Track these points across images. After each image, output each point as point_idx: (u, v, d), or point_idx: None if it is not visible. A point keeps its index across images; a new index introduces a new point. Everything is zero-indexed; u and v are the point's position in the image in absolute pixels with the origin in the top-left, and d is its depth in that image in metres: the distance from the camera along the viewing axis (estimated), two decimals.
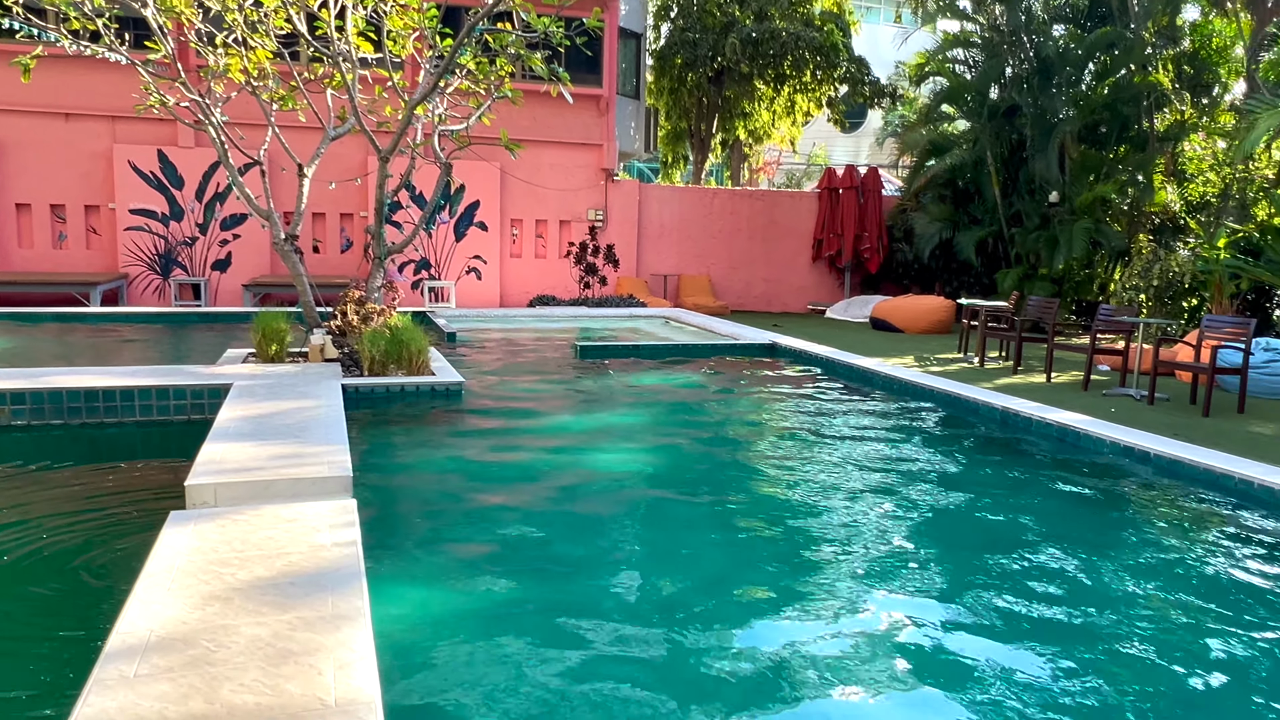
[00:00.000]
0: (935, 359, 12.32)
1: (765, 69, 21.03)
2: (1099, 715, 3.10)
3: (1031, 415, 7.38)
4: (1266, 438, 7.79)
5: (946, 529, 5.10)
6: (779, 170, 38.70)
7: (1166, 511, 5.62)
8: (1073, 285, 17.08)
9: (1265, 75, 13.52)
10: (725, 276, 19.71)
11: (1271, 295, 14.49)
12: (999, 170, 17.33)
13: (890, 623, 3.78)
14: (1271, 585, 4.40)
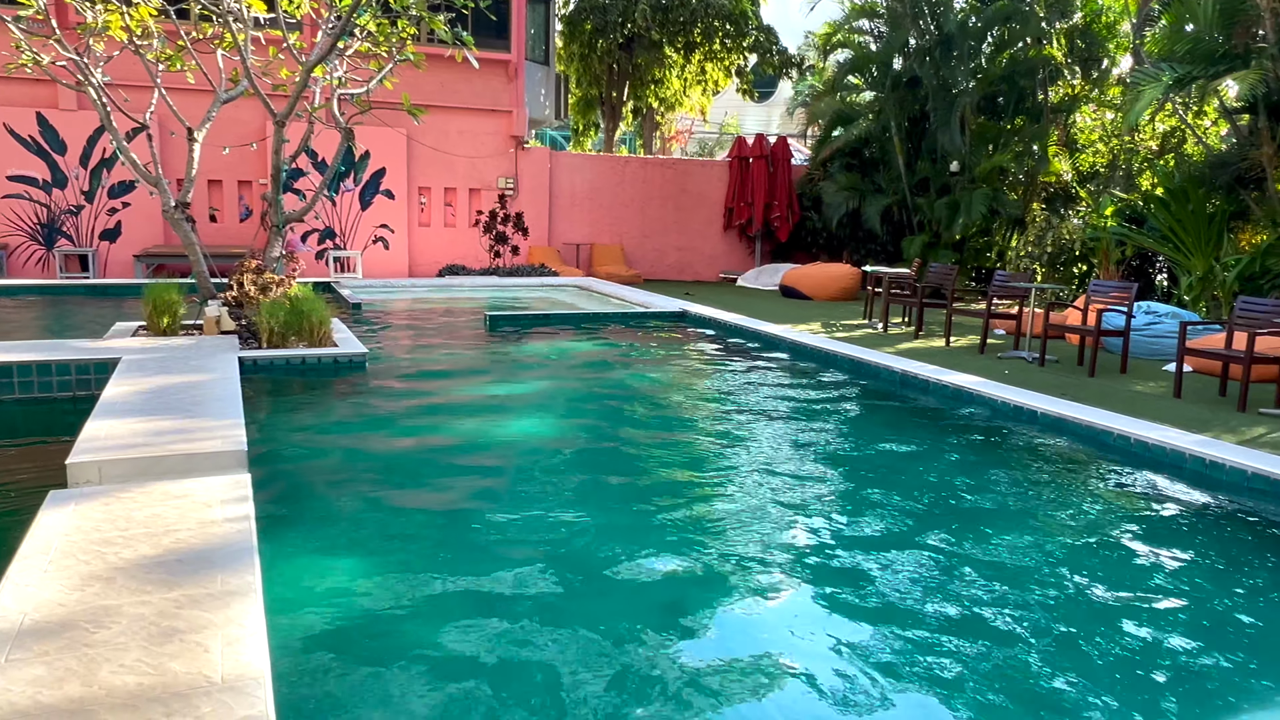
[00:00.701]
0: (841, 325, 12.60)
1: (675, 36, 20.99)
2: (969, 633, 3.26)
3: (929, 377, 7.63)
4: (1145, 395, 8.22)
5: (845, 486, 5.25)
6: (692, 139, 38.79)
7: (1050, 465, 5.89)
8: (973, 252, 17.65)
9: (1149, 49, 14.10)
10: (638, 245, 19.72)
11: (1154, 261, 15.24)
12: (903, 140, 17.71)
13: (794, 575, 3.89)
14: (1141, 528, 4.67)
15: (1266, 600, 3.89)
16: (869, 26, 18.90)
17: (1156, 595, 3.91)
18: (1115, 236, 14.33)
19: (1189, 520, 4.88)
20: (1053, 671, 3.19)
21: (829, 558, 4.18)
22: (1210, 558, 4.37)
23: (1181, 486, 5.36)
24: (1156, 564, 4.27)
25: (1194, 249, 12.94)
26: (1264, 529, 4.73)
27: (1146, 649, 3.40)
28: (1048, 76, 16.87)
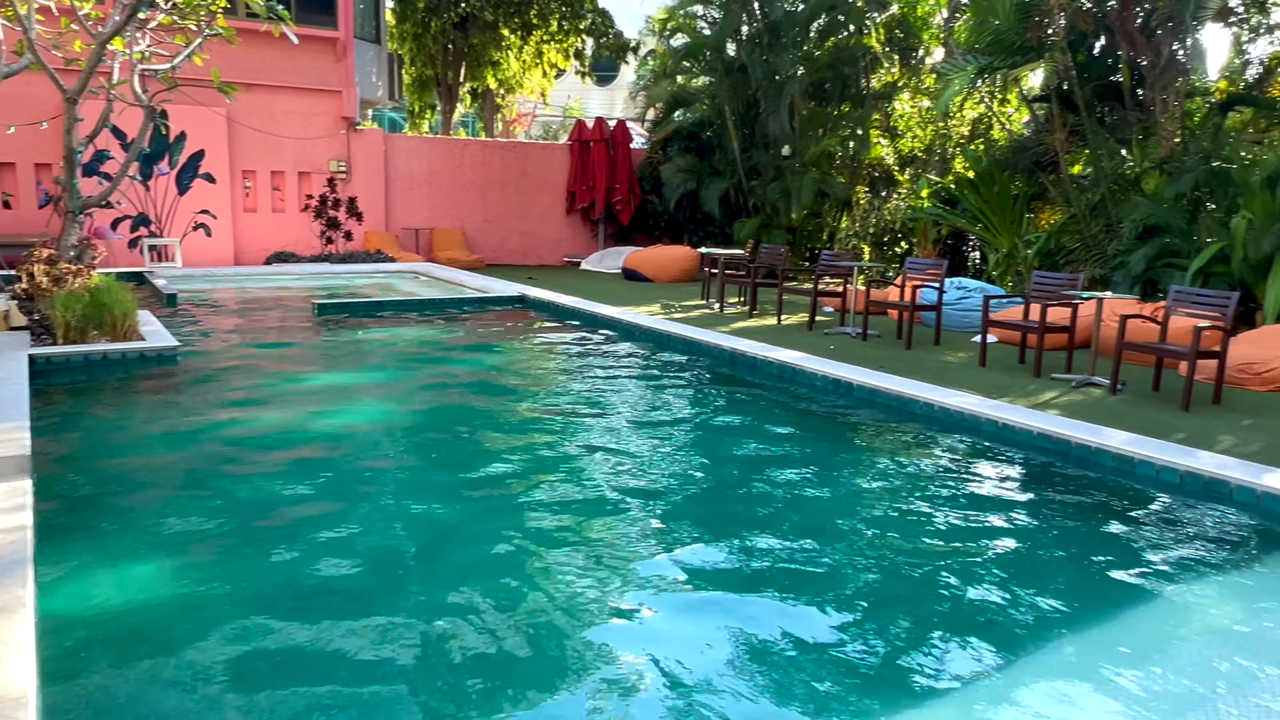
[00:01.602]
0: (680, 306, 12.83)
1: (511, 17, 20.70)
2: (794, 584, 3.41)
3: (756, 355, 7.89)
4: (954, 365, 8.80)
5: (677, 462, 5.37)
6: (535, 122, 38.45)
7: (864, 431, 6.23)
8: (805, 234, 18.34)
9: (958, 41, 15.01)
10: (480, 230, 19.41)
11: (967, 239, 16.29)
12: (738, 125, 18.15)
13: (630, 549, 3.95)
14: (946, 487, 5.00)
15: (1049, 538, 4.25)
16: (703, 13, 19.23)
17: (961, 543, 4.20)
18: (931, 217, 15.21)
19: (984, 475, 5.27)
20: (871, 620, 3.38)
21: (659, 532, 4.26)
22: (1001, 507, 4.73)
23: (979, 447, 5.77)
24: (956, 515, 4.58)
25: (1000, 228, 13.90)
26: (1048, 480, 5.16)
27: (957, 588, 3.65)
28: (869, 65, 17.67)
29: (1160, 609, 3.62)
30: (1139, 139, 12.76)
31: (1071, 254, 12.88)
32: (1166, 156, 12.16)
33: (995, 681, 3.02)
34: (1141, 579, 3.90)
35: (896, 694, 2.95)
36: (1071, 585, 3.86)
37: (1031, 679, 3.04)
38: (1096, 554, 4.19)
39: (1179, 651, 3.27)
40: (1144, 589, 3.80)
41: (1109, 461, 5.16)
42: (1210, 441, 6.03)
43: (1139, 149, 12.64)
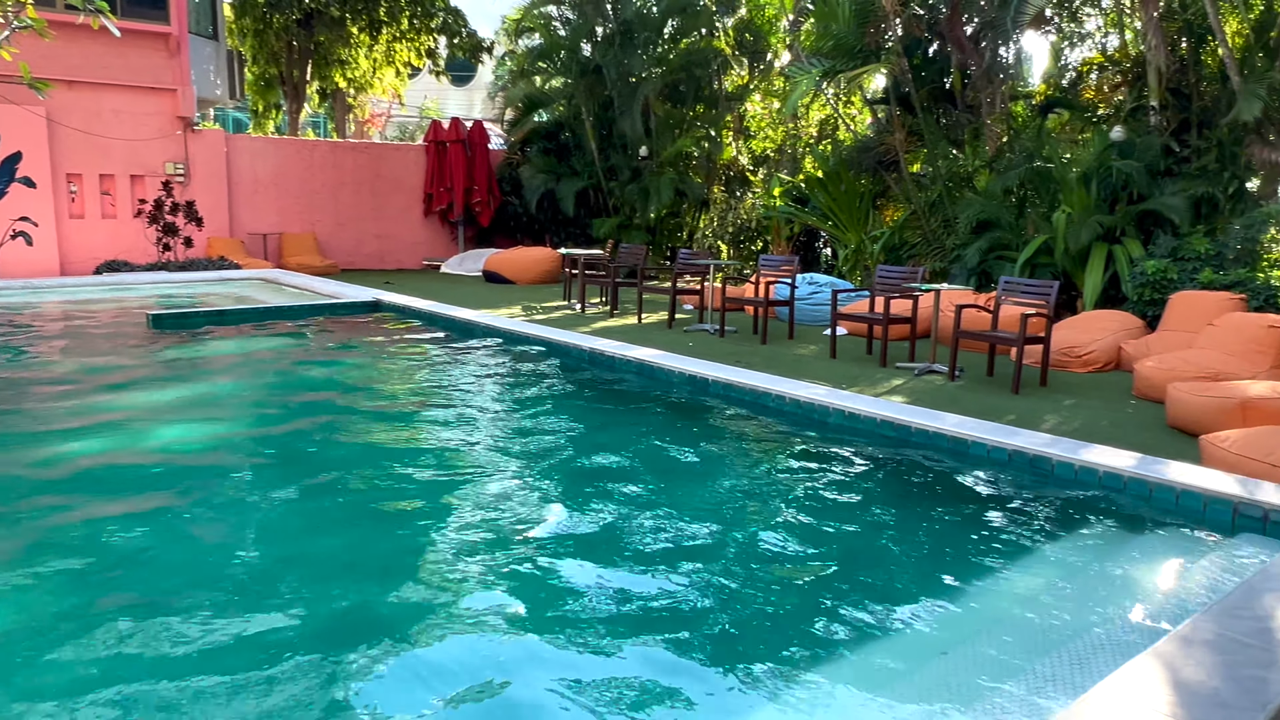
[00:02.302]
0: (542, 307, 12.77)
1: (359, 14, 20.08)
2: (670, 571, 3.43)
3: (615, 353, 7.92)
4: (807, 358, 9.10)
5: (534, 459, 5.31)
6: (390, 123, 37.47)
7: (721, 425, 6.34)
8: (664, 233, 18.58)
9: (804, 45, 15.55)
10: (333, 234, 18.74)
11: (818, 236, 16.88)
12: (595, 125, 18.21)
13: (497, 558, 3.86)
14: (797, 475, 5.15)
15: (892, 518, 4.44)
16: (557, 13, 19.19)
17: (812, 527, 4.32)
18: (784, 215, 15.68)
19: (833, 462, 5.45)
20: (726, 609, 3.42)
21: (516, 535, 4.20)
22: (849, 491, 4.90)
23: (829, 435, 5.97)
24: (807, 501, 4.72)
25: (848, 225, 14.47)
26: (892, 463, 5.39)
27: (809, 570, 3.75)
28: (720, 67, 18.07)
29: (991, 579, 3.83)
30: (970, 139, 13.53)
31: (914, 248, 13.55)
32: (995, 156, 12.95)
33: (845, 661, 3.12)
34: (976, 551, 4.12)
35: (751, 679, 3.00)
36: (913, 561, 4.04)
37: (881, 652, 3.16)
38: (935, 530, 4.40)
39: (1010, 618, 3.47)
40: (978, 561, 4.02)
41: (946, 444, 5.43)
42: (1037, 421, 6.45)
43: (970, 149, 13.41)
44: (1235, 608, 2.94)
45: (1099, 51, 13.90)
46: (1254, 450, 4.89)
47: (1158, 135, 11.40)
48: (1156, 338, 8.81)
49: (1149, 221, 11.27)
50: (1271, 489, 4.26)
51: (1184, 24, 11.50)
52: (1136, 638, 3.15)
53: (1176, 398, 6.43)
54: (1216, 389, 6.28)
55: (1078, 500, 4.67)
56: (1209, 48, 11.44)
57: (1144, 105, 11.74)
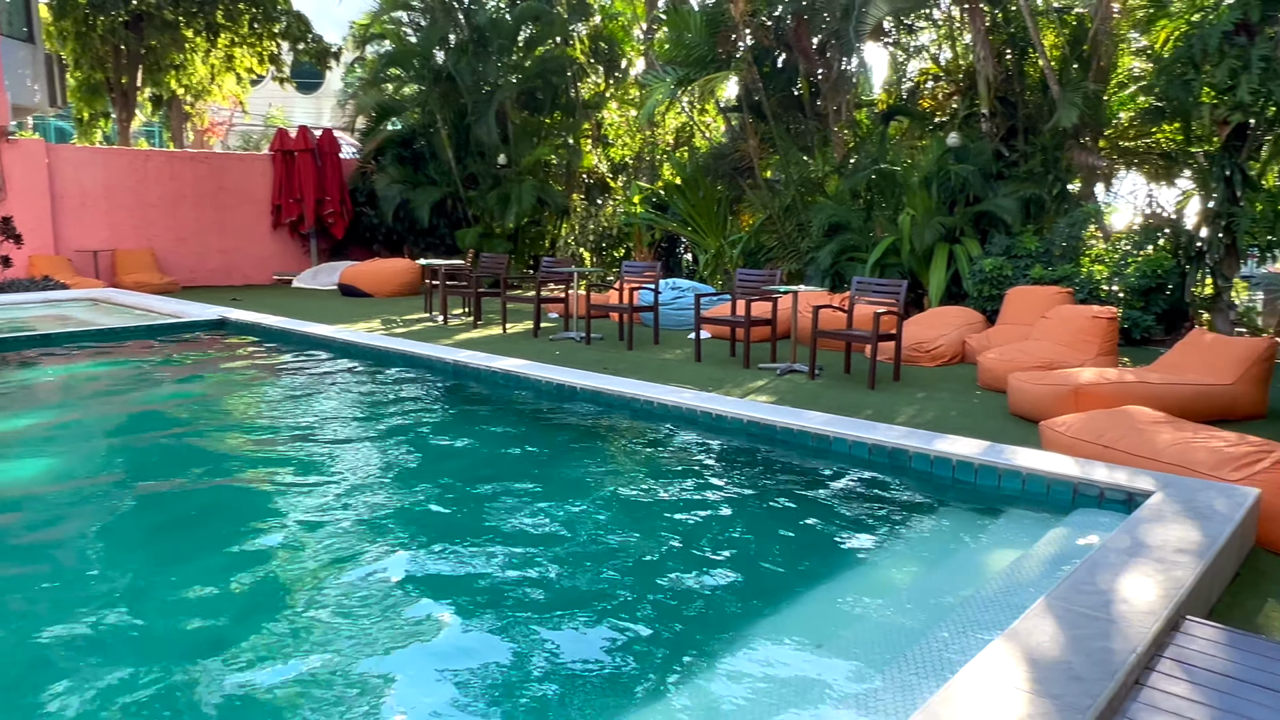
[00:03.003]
0: (403, 320, 12.41)
1: (193, 16, 19.02)
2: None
3: (481, 365, 7.77)
4: (673, 362, 9.18)
5: (399, 477, 5.12)
6: (233, 132, 35.70)
7: (590, 432, 6.30)
8: (527, 242, 18.44)
9: (658, 54, 15.77)
10: (172, 249, 17.65)
11: (678, 241, 17.13)
12: (451, 133, 17.89)
13: (362, 582, 3.67)
14: (667, 478, 5.16)
15: (762, 516, 4.51)
16: (408, 19, 18.75)
17: (684, 529, 4.33)
18: (645, 222, 15.84)
19: (703, 464, 5.51)
20: (603, 616, 3.37)
21: (383, 554, 4.02)
22: (719, 492, 4.95)
23: (697, 438, 6.03)
24: (677, 504, 4.73)
25: (707, 230, 14.74)
26: (759, 463, 5.49)
27: (682, 572, 3.74)
28: (576, 75, 18.09)
29: (859, 570, 3.95)
30: (820, 146, 14.04)
31: (770, 252, 13.93)
32: (842, 161, 13.48)
33: (721, 660, 3.13)
34: (843, 544, 4.24)
35: (627, 681, 2.97)
36: (783, 557, 4.12)
37: (756, 649, 3.19)
38: (803, 526, 4.50)
39: (879, 608, 3.57)
40: (845, 554, 4.13)
41: (810, 441, 5.57)
42: (893, 415, 6.72)
43: (820, 155, 13.91)
44: (1081, 583, 3.12)
45: (934, 63, 14.69)
46: (1087, 433, 5.23)
47: (989, 141, 12.15)
48: (996, 331, 9.35)
49: (985, 222, 11.99)
50: (1104, 469, 4.57)
51: (1008, 37, 12.30)
52: (996, 618, 3.30)
53: (1016, 387, 6.83)
54: (1052, 377, 6.70)
55: (934, 489, 4.88)
56: (1031, 59, 12.28)
57: (976, 113, 12.48)
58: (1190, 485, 4.22)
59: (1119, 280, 10.46)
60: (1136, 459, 4.78)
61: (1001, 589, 3.65)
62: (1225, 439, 4.86)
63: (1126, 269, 10.50)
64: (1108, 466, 4.62)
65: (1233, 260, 10.75)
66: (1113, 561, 3.33)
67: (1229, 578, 3.73)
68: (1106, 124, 12.29)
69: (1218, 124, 10.46)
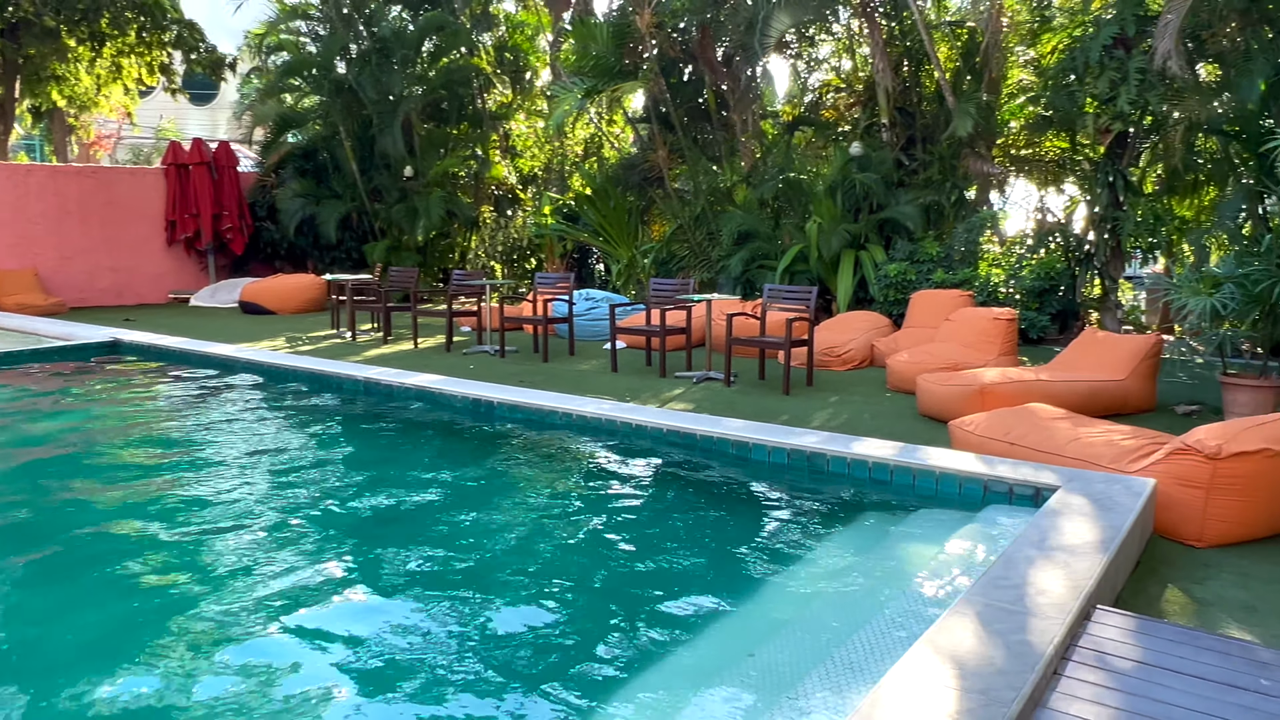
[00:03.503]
0: (308, 337, 12.05)
1: (76, 24, 18.12)
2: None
3: (393, 382, 7.59)
4: (589, 373, 9.15)
5: (312, 501, 4.94)
6: (121, 145, 34.18)
7: (509, 447, 6.22)
8: (436, 254, 18.15)
9: (564, 64, 15.75)
10: (58, 269, 16.75)
11: (590, 252, 17.12)
12: (355, 145, 17.49)
13: (278, 615, 3.51)
14: (589, 491, 5.12)
15: (688, 525, 4.51)
16: (307, 29, 18.28)
17: (607, 542, 4.30)
18: (556, 233, 15.79)
19: (625, 475, 5.49)
20: (527, 632, 3.30)
21: (302, 583, 3.87)
22: (643, 502, 4.94)
23: (617, 449, 6.01)
24: (601, 516, 4.70)
25: (619, 240, 14.78)
26: (682, 472, 5.50)
27: (609, 584, 3.71)
28: (483, 86, 17.94)
29: (786, 576, 3.98)
30: (728, 155, 14.24)
31: (682, 261, 14.04)
32: (750, 171, 13.69)
33: (652, 669, 3.11)
34: (768, 550, 4.28)
35: (560, 694, 2.92)
36: (710, 566, 4.13)
37: (687, 658, 3.18)
38: (728, 533, 4.52)
39: (807, 612, 3.61)
40: (771, 559, 4.17)
41: (730, 448, 5.62)
42: (808, 419, 6.84)
43: (728, 164, 14.11)
44: (998, 578, 3.22)
45: (835, 74, 15.08)
46: (994, 431, 5.42)
47: (890, 150, 12.52)
48: (903, 334, 9.62)
49: (888, 228, 12.34)
50: (1012, 466, 4.73)
51: (905, 50, 12.71)
52: (920, 616, 3.37)
53: (925, 388, 7.03)
54: (958, 378, 6.92)
55: (853, 492, 4.97)
56: (927, 71, 12.71)
57: (876, 123, 12.84)
58: (1092, 478, 4.41)
59: (1015, 283, 10.90)
60: (1041, 454, 4.97)
61: (923, 587, 3.73)
62: (1121, 432, 5.10)
63: (1022, 272, 10.94)
64: (1015, 463, 4.79)
65: (1118, 262, 11.32)
66: (1025, 556, 3.44)
67: (1132, 566, 3.90)
68: (999, 133, 12.81)
69: (1100, 132, 11.01)
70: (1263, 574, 3.86)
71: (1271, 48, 9.27)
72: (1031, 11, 12.76)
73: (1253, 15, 9.61)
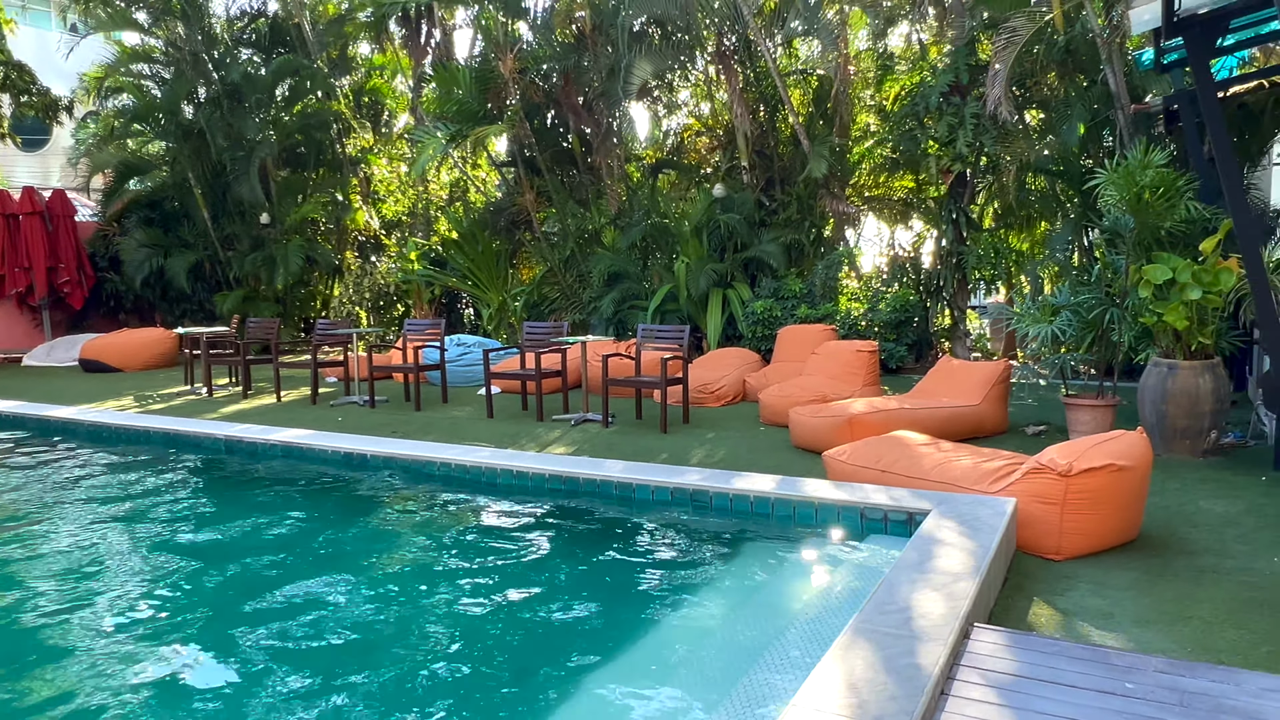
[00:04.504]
0: (160, 395, 11.35)
1: None
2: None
3: (257, 439, 7.23)
4: (464, 420, 8.98)
5: (170, 578, 4.62)
6: None
7: (386, 501, 6.01)
8: (296, 303, 17.51)
9: (426, 109, 15.61)
10: None
11: (460, 297, 16.90)
12: (206, 192, 16.74)
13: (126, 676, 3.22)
14: (473, 542, 5.00)
15: (576, 572, 4.46)
16: (150, 71, 17.44)
17: (494, 594, 4.19)
18: (423, 278, 15.52)
19: (507, 523, 5.39)
20: (414, 684, 3.16)
21: (161, 659, 3.59)
22: (527, 550, 4.85)
23: (498, 496, 5.90)
24: (486, 568, 4.59)
25: (488, 284, 14.66)
26: (565, 516, 5.45)
27: (499, 629, 3.60)
28: (342, 130, 17.54)
29: (677, 615, 3.99)
30: (594, 198, 14.40)
31: (553, 303, 14.05)
32: (618, 213, 13.89)
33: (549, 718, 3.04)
34: (658, 591, 4.27)
35: None
36: (600, 610, 4.09)
37: (579, 704, 3.12)
38: (616, 576, 4.50)
39: (700, 651, 3.61)
40: (661, 600, 4.17)
41: (614, 490, 5.61)
42: (687, 457, 6.92)
43: (595, 207, 14.27)
44: (882, 605, 3.32)
45: (695, 119, 15.53)
46: (865, 459, 5.62)
47: (751, 191, 12.96)
48: (773, 369, 9.90)
49: (753, 266, 12.73)
50: (885, 493, 4.92)
51: (760, 95, 13.24)
52: (812, 649, 3.44)
53: (797, 420, 7.24)
54: (827, 410, 7.17)
55: (737, 527, 5.05)
56: (782, 115, 13.27)
57: (737, 165, 13.29)
58: (959, 501, 4.63)
59: (873, 316, 11.42)
60: (910, 480, 5.19)
61: (812, 617, 3.81)
62: (981, 454, 5.39)
63: (879, 305, 11.48)
64: (888, 490, 4.98)
65: (964, 293, 12.05)
66: (905, 580, 3.57)
67: (1001, 583, 4.10)
68: (851, 174, 13.48)
69: (942, 173, 11.75)
70: (1115, 581, 4.13)
71: (1087, 95, 10.16)
72: (875, 60, 13.57)
73: (1069, 66, 10.53)
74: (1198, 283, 6.24)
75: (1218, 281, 6.25)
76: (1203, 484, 5.80)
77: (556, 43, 13.75)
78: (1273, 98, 9.08)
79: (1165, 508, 5.27)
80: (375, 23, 15.94)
